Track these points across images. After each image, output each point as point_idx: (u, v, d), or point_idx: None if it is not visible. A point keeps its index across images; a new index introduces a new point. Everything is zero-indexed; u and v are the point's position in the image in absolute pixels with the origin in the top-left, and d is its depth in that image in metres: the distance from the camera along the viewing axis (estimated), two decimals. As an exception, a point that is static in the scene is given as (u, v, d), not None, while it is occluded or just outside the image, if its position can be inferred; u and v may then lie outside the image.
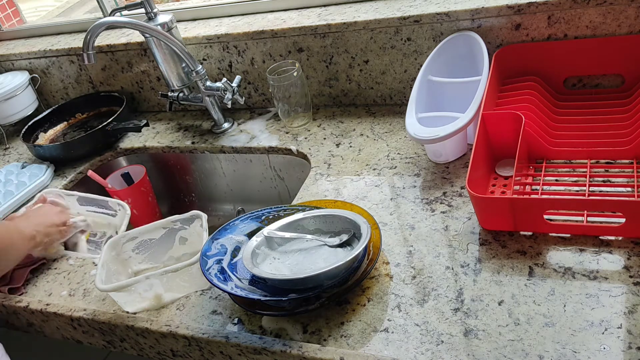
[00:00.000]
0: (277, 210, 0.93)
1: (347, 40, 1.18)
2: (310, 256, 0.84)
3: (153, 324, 0.85)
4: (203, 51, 1.33)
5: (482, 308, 0.73)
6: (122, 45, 1.40)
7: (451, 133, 0.93)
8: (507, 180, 0.92)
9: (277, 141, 1.22)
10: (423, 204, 0.92)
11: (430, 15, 1.08)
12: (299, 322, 0.78)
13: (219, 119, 1.32)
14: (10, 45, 1.64)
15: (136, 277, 0.87)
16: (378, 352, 0.71)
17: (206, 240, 0.87)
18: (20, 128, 1.48)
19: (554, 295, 0.72)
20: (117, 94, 1.47)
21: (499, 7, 1.02)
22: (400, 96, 1.22)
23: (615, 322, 0.67)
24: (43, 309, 0.95)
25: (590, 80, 1.04)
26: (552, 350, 0.66)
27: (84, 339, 0.97)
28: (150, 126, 1.43)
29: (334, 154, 1.12)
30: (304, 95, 1.21)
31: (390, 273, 0.82)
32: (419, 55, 1.14)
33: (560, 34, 1.02)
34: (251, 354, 0.78)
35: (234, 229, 0.90)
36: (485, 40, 1.05)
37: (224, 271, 0.82)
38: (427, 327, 0.72)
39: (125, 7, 1.27)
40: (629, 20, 0.97)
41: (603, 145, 0.89)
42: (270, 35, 1.24)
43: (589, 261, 0.75)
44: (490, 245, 0.81)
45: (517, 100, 0.98)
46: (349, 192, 1.00)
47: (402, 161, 1.04)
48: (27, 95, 1.55)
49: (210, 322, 0.82)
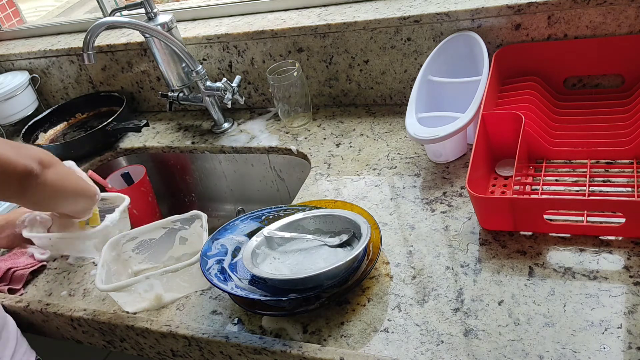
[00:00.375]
0: (277, 210, 0.93)
1: (347, 40, 1.18)
2: (310, 256, 0.84)
3: (153, 324, 0.85)
4: (203, 51, 1.33)
5: (482, 308, 0.73)
6: (122, 45, 1.40)
7: (451, 133, 0.93)
8: (507, 180, 0.92)
9: (277, 141, 1.22)
10: (423, 204, 0.92)
11: (430, 15, 1.08)
12: (299, 322, 0.78)
13: (219, 119, 1.32)
14: (10, 45, 1.64)
15: (136, 277, 0.87)
16: (378, 352, 0.71)
17: (206, 240, 0.87)
18: (20, 128, 1.48)
19: (554, 295, 0.72)
20: (117, 94, 1.47)
21: (499, 7, 1.02)
22: (400, 96, 1.22)
23: (615, 322, 0.67)
24: (43, 309, 0.95)
25: (590, 80, 1.04)
26: (552, 350, 0.66)
27: (84, 339, 0.97)
28: (150, 126, 1.43)
29: (334, 154, 1.12)
30: (304, 95, 1.21)
31: (390, 273, 0.82)
32: (419, 55, 1.14)
33: (560, 34, 1.02)
34: (251, 354, 0.78)
35: (234, 229, 0.90)
36: (485, 40, 1.05)
37: (224, 271, 0.82)
38: (427, 327, 0.72)
39: (125, 7, 1.27)
40: (629, 20, 0.97)
41: (603, 145, 0.89)
42: (270, 35, 1.24)
43: (589, 261, 0.75)
44: (490, 245, 0.81)
45: (517, 100, 0.98)
46: (349, 192, 1.00)
47: (402, 161, 1.04)
48: (27, 95, 1.55)
49: (210, 322, 0.82)
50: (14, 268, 1.02)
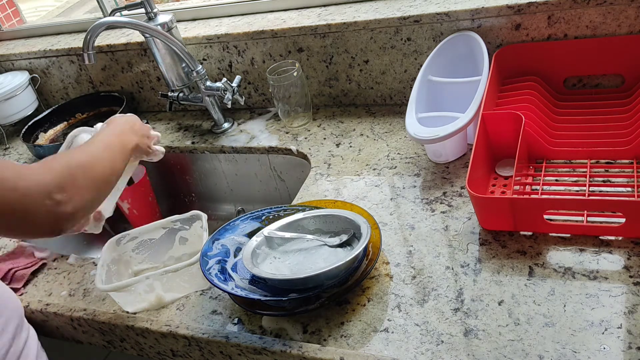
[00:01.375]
0: (277, 210, 0.93)
1: (347, 40, 1.18)
2: (311, 256, 0.84)
3: (153, 324, 0.85)
4: (203, 51, 1.33)
5: (482, 308, 0.73)
6: (122, 45, 1.40)
7: (451, 133, 0.93)
8: (507, 180, 0.92)
9: (277, 141, 1.22)
10: (423, 204, 0.92)
11: (430, 15, 1.08)
12: (299, 322, 0.78)
13: (219, 119, 1.32)
14: (10, 45, 1.64)
15: (136, 277, 0.87)
16: (378, 352, 0.71)
17: (206, 241, 0.87)
18: (20, 128, 1.48)
19: (554, 295, 0.72)
20: (117, 94, 1.47)
21: (499, 7, 1.02)
22: (400, 96, 1.22)
23: (615, 322, 0.67)
24: (43, 309, 0.95)
25: (590, 80, 1.04)
26: (552, 350, 0.66)
27: (84, 339, 0.97)
28: (150, 126, 1.43)
29: (334, 154, 1.12)
30: (304, 95, 1.21)
31: (390, 273, 0.82)
32: (419, 55, 1.14)
33: (560, 34, 1.02)
34: (251, 354, 0.78)
35: (234, 229, 0.90)
36: (485, 40, 1.05)
37: (224, 271, 0.82)
38: (427, 327, 0.72)
39: (125, 7, 1.27)
40: (629, 20, 0.97)
41: (603, 145, 0.89)
42: (270, 35, 1.24)
43: (589, 261, 0.75)
44: (490, 245, 0.81)
45: (517, 100, 0.98)
46: (349, 192, 1.00)
47: (402, 161, 1.04)
48: (27, 95, 1.55)
49: (210, 322, 0.82)
50: (14, 268, 1.02)
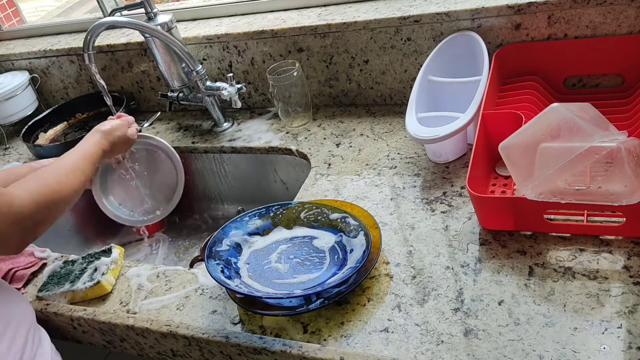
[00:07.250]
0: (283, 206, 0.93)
1: (347, 40, 1.18)
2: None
3: (153, 324, 0.85)
4: (203, 51, 1.33)
5: (482, 308, 0.73)
6: (122, 45, 1.40)
7: (451, 133, 0.93)
8: (507, 180, 0.92)
9: (277, 141, 1.22)
10: (423, 204, 0.92)
11: (430, 15, 1.08)
12: (299, 322, 0.78)
13: (219, 119, 1.32)
14: (10, 45, 1.64)
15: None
16: (378, 352, 0.71)
17: (211, 237, 0.87)
18: (20, 128, 1.48)
19: (554, 295, 0.72)
20: (117, 94, 1.47)
21: (499, 7, 1.02)
22: (400, 96, 1.22)
23: (615, 322, 0.67)
24: (43, 309, 0.95)
25: (590, 80, 1.04)
26: (552, 350, 0.66)
27: (84, 339, 0.97)
28: (150, 126, 1.43)
29: (334, 154, 1.12)
30: (304, 95, 1.21)
31: (390, 273, 0.82)
32: (419, 55, 1.14)
33: (560, 34, 1.02)
34: (251, 354, 0.78)
35: (236, 228, 0.90)
36: (485, 40, 1.05)
37: (228, 268, 0.82)
38: (427, 327, 0.72)
39: (125, 7, 1.27)
40: (629, 20, 0.97)
41: (603, 145, 0.89)
42: (270, 35, 1.24)
43: (589, 261, 0.75)
44: (490, 245, 0.81)
45: (517, 100, 0.98)
46: (349, 192, 1.00)
47: (402, 161, 1.04)
48: (27, 95, 1.55)
49: (210, 322, 0.82)
50: (14, 268, 1.02)
